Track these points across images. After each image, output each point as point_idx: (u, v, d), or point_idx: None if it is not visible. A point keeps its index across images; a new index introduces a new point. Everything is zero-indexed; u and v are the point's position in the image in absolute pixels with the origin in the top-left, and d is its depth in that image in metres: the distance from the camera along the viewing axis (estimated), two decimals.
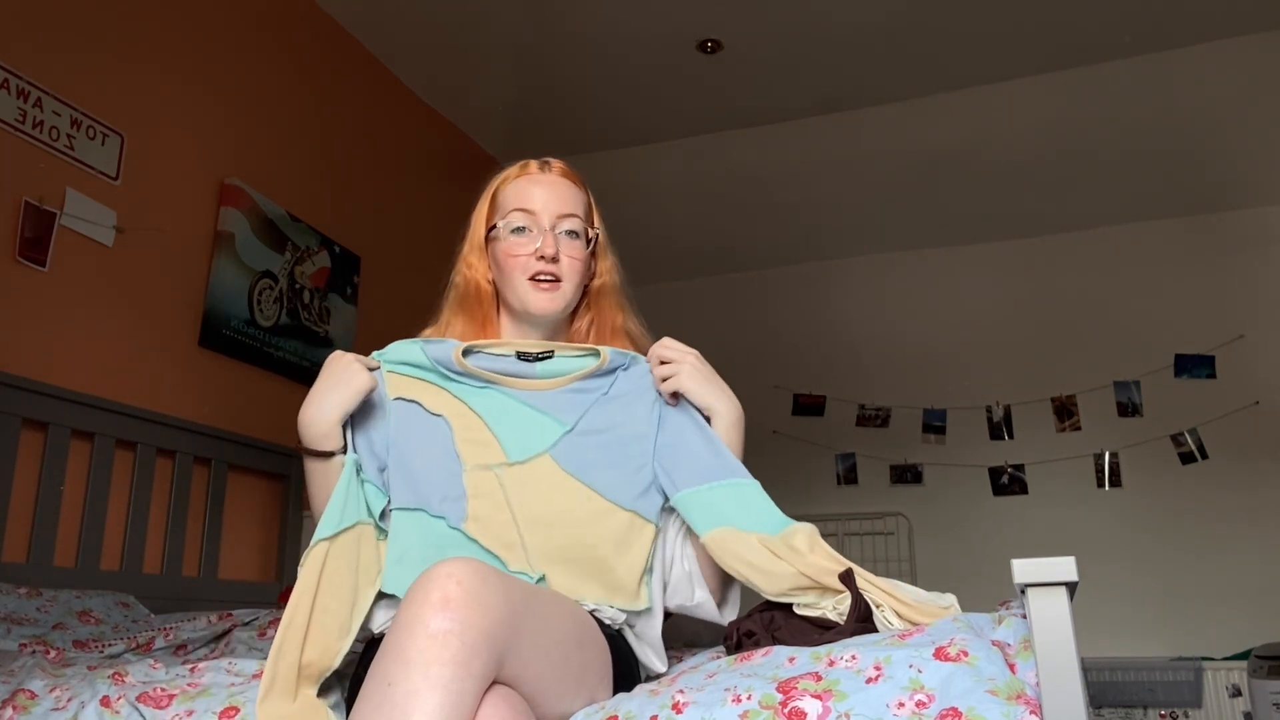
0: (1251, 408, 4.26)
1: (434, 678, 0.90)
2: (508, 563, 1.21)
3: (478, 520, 1.24)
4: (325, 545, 1.17)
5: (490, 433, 1.29)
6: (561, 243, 1.37)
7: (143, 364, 2.66)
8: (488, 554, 1.21)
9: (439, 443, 1.29)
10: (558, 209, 1.38)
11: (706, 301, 5.22)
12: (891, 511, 4.71)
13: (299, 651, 1.10)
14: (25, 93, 2.39)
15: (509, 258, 1.37)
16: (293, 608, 1.12)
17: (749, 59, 3.85)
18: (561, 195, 1.39)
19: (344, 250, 3.52)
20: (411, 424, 1.31)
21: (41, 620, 1.93)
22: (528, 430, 1.30)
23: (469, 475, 1.26)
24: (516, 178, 1.42)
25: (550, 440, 1.29)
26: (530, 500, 1.25)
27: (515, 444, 1.29)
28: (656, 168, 4.56)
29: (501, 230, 1.38)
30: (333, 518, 1.20)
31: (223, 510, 2.83)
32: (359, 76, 3.76)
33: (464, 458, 1.27)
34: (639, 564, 1.25)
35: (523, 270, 1.35)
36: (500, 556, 1.21)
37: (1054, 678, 0.87)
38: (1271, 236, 4.42)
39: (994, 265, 4.84)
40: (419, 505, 1.25)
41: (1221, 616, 4.04)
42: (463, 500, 1.25)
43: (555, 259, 1.35)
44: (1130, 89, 3.91)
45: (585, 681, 1.10)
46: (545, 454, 1.28)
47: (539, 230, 1.36)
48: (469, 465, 1.27)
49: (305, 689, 1.11)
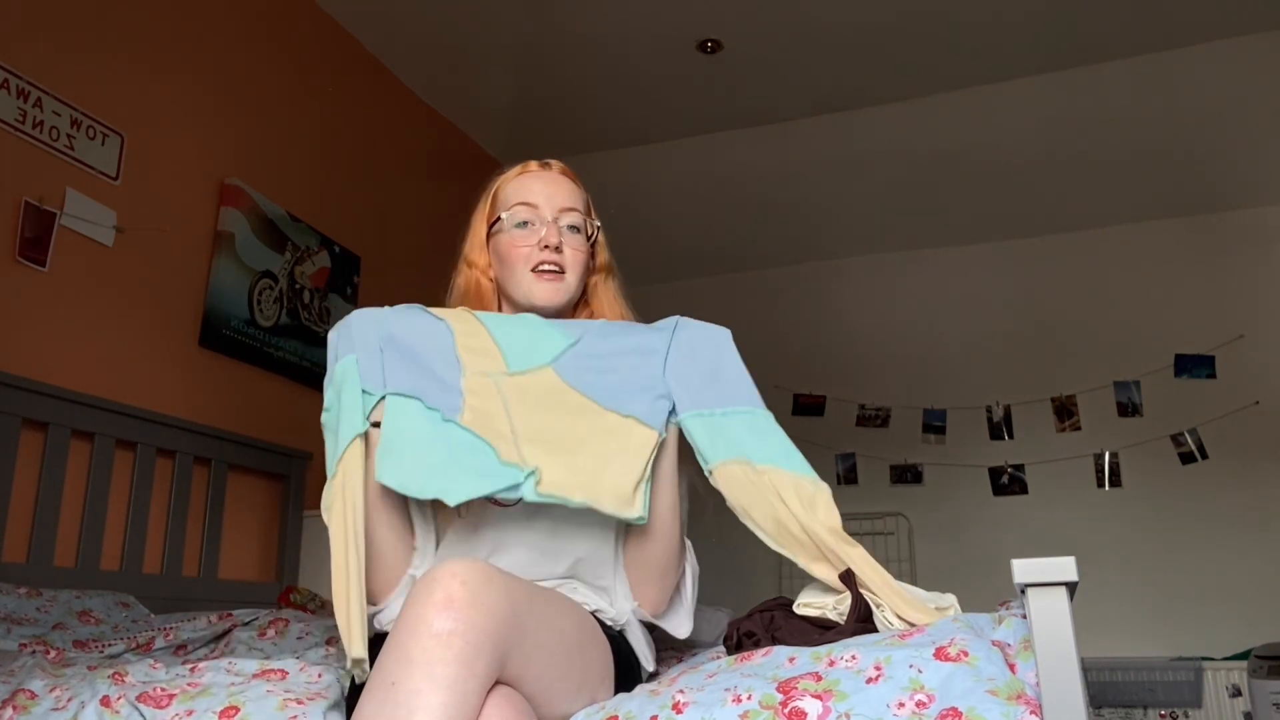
0: (1251, 408, 4.25)
1: (438, 677, 0.90)
2: (499, 452, 1.18)
3: (473, 416, 1.21)
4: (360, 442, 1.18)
5: (492, 340, 1.27)
6: (564, 235, 1.38)
7: (143, 364, 2.66)
8: (481, 440, 1.18)
9: (439, 344, 1.27)
10: (560, 203, 1.39)
11: (706, 301, 5.20)
12: (891, 511, 4.71)
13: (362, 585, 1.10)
14: (25, 93, 2.39)
15: (513, 249, 1.37)
16: (346, 541, 1.12)
17: (749, 59, 3.85)
18: (563, 190, 1.41)
19: (344, 250, 3.52)
20: (413, 322, 1.29)
21: (41, 620, 1.93)
22: (532, 341, 1.28)
23: (468, 379, 1.24)
24: (518, 175, 1.43)
25: (554, 352, 1.27)
26: (529, 409, 1.22)
27: (517, 354, 1.27)
28: (656, 168, 4.56)
29: (505, 223, 1.38)
30: (353, 418, 1.20)
31: (223, 510, 2.83)
32: (359, 76, 3.76)
33: (464, 362, 1.25)
34: (635, 468, 1.18)
35: (526, 262, 1.36)
36: (492, 444, 1.18)
37: (1054, 678, 0.87)
38: (1271, 236, 4.41)
39: (994, 265, 4.84)
40: (416, 393, 1.22)
41: (1221, 616, 4.04)
42: (459, 397, 1.22)
43: (559, 249, 1.36)
44: (1130, 89, 3.91)
45: (587, 682, 1.10)
46: (548, 366, 1.26)
47: (542, 223, 1.37)
48: (469, 371, 1.25)
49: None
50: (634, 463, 1.18)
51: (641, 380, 1.26)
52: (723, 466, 1.22)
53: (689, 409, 1.24)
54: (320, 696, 1.22)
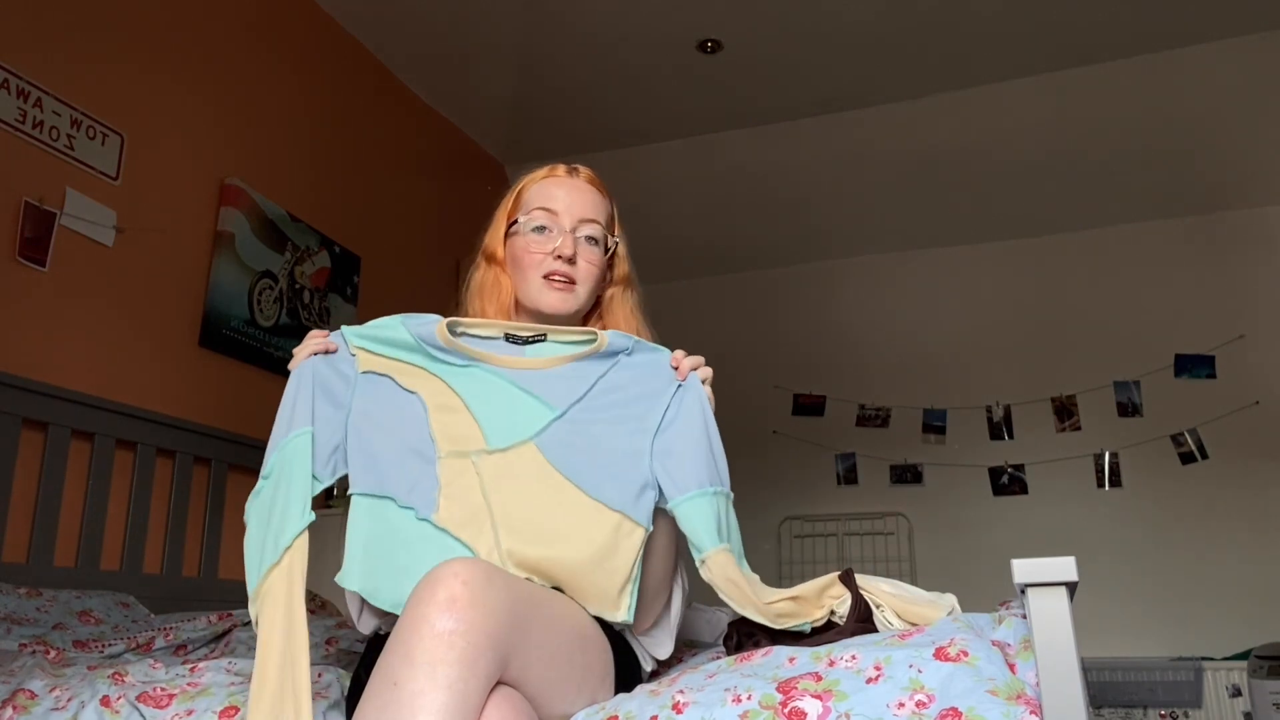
0: (1251, 408, 4.25)
1: (439, 678, 0.90)
2: (478, 552, 1.13)
3: (450, 511, 1.14)
4: (283, 572, 1.08)
5: (469, 414, 1.19)
6: (580, 247, 1.35)
7: (143, 364, 2.66)
8: (456, 541, 1.13)
9: (410, 423, 1.19)
10: (580, 213, 1.37)
11: (707, 301, 5.22)
12: (891, 511, 4.71)
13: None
14: (25, 93, 2.39)
15: (526, 254, 1.35)
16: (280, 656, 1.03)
17: (749, 59, 3.85)
18: (585, 200, 1.38)
19: (344, 250, 3.52)
20: (379, 399, 1.20)
21: (41, 620, 1.93)
22: (512, 413, 1.19)
23: (443, 463, 1.17)
24: (543, 179, 1.41)
25: (536, 426, 1.19)
26: (509, 495, 1.15)
27: (496, 428, 1.18)
28: (657, 167, 4.56)
29: (522, 226, 1.37)
30: (291, 521, 1.10)
31: (223, 510, 2.83)
32: (359, 77, 3.76)
33: (439, 442, 1.18)
34: (622, 571, 1.14)
35: (537, 268, 1.34)
36: (469, 544, 1.13)
37: (1054, 678, 0.87)
38: (1271, 236, 4.41)
39: (994, 265, 4.83)
40: (384, 493, 1.15)
41: (1221, 616, 4.04)
42: (434, 490, 1.15)
43: (572, 260, 1.34)
44: (1130, 89, 3.91)
45: (588, 682, 1.10)
46: (529, 441, 1.18)
47: (559, 231, 1.35)
48: (444, 451, 1.17)
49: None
50: (621, 565, 1.14)
51: (629, 464, 1.18)
52: (712, 557, 1.15)
53: (675, 495, 1.17)
54: (320, 696, 1.22)
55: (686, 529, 1.16)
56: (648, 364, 1.26)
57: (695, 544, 1.15)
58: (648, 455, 1.19)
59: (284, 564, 1.08)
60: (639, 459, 1.19)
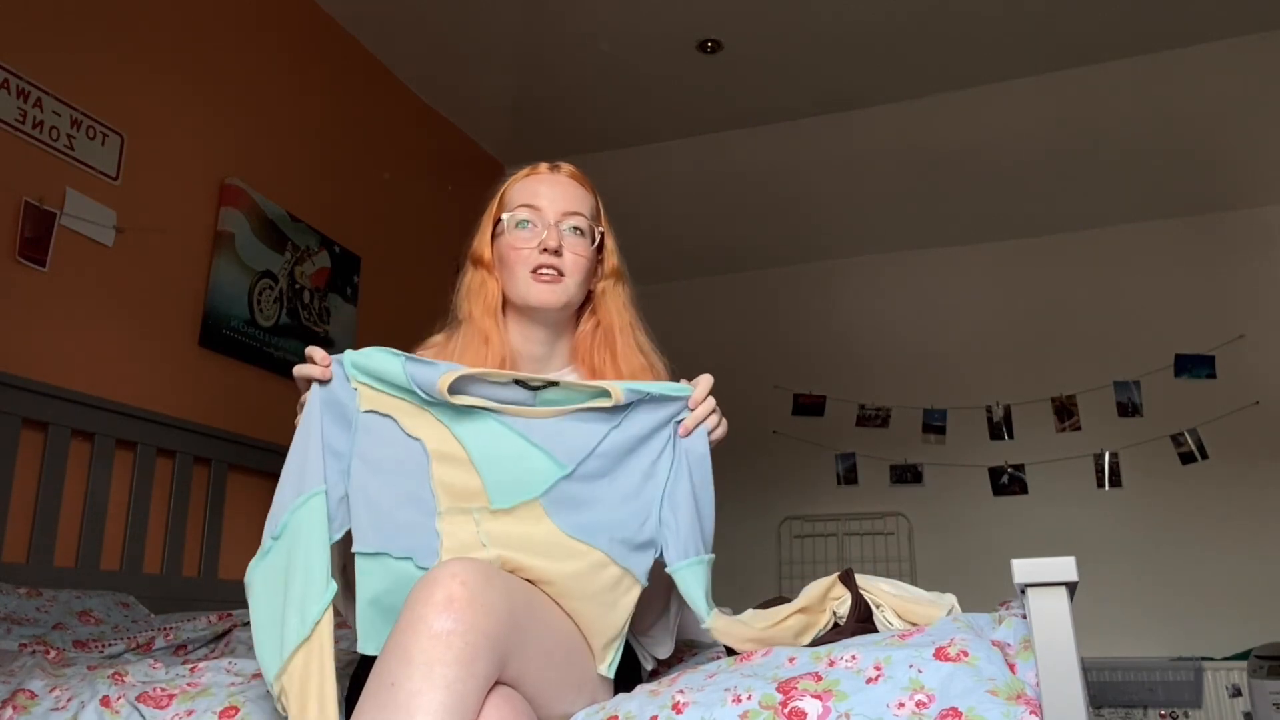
0: (1251, 408, 4.25)
1: (437, 678, 0.90)
2: None
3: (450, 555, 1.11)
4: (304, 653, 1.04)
5: (473, 468, 1.13)
6: (565, 239, 1.34)
7: (143, 364, 2.66)
8: None
9: (412, 473, 1.14)
10: (564, 206, 1.36)
11: (706, 301, 5.22)
12: (891, 511, 4.71)
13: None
14: (25, 93, 2.39)
15: (511, 250, 1.35)
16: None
17: (749, 59, 3.85)
18: (568, 194, 1.38)
19: (344, 250, 3.52)
20: (381, 444, 1.15)
21: (41, 620, 1.93)
22: (518, 470, 1.14)
23: (444, 518, 1.12)
24: (525, 177, 1.40)
25: (543, 485, 1.13)
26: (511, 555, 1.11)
27: (501, 486, 1.13)
28: (656, 168, 4.56)
29: (506, 224, 1.37)
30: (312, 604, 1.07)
31: (223, 510, 2.83)
32: (359, 76, 3.76)
33: (439, 497, 1.13)
34: (614, 628, 1.12)
35: (524, 264, 1.33)
36: None
37: (1054, 678, 0.87)
38: (1271, 236, 4.41)
39: (994, 265, 4.83)
40: (382, 549, 1.11)
41: (1221, 616, 4.04)
42: (435, 541, 1.11)
43: (558, 252, 1.33)
44: (1130, 89, 3.91)
45: (586, 682, 1.10)
46: (535, 500, 1.13)
47: (543, 225, 1.34)
48: (444, 507, 1.12)
49: None
50: (615, 622, 1.12)
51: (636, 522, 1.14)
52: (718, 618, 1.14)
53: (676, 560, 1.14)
54: None
55: (685, 596, 1.15)
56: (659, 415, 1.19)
57: (696, 611, 1.14)
58: (656, 512, 1.16)
59: (314, 641, 1.04)
60: (646, 516, 1.15)
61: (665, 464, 1.17)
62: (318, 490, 1.12)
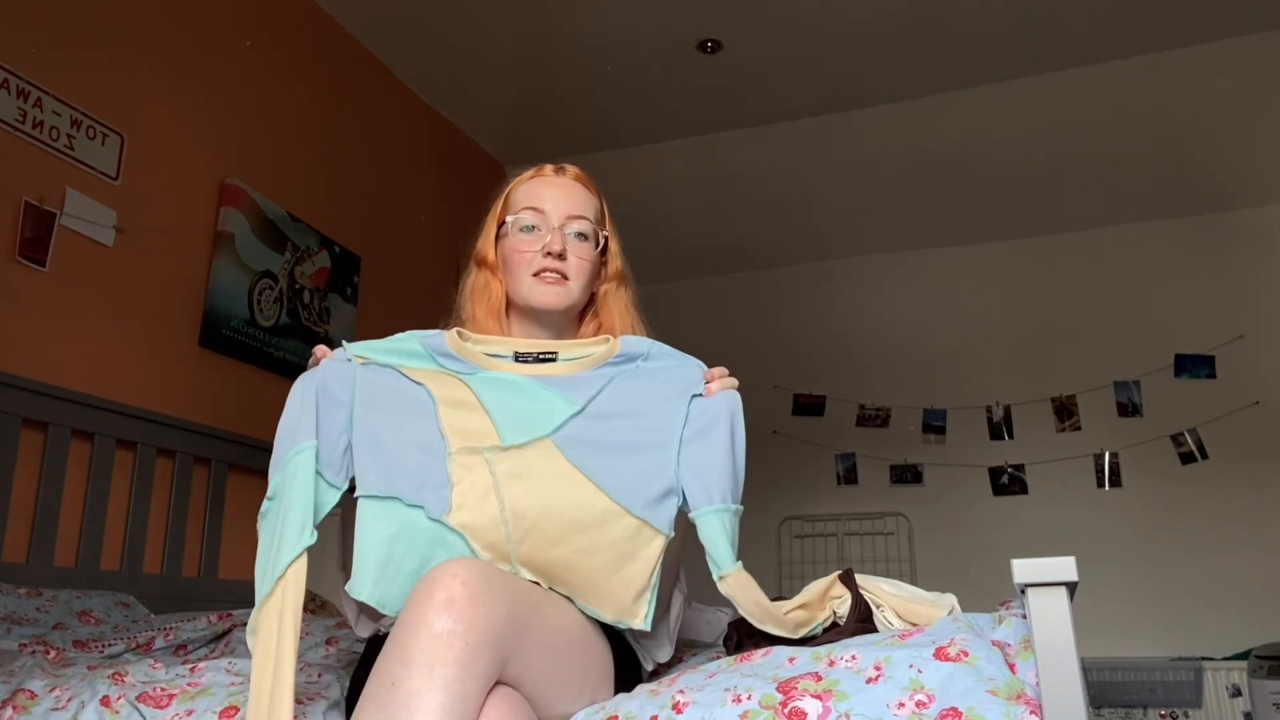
0: (1251, 408, 4.25)
1: (437, 678, 0.90)
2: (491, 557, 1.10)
3: (462, 511, 1.09)
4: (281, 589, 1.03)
5: (483, 409, 1.14)
6: (570, 243, 1.34)
7: (143, 364, 2.66)
8: (471, 551, 1.10)
9: (418, 416, 1.13)
10: (568, 209, 1.36)
11: (706, 301, 5.22)
12: (891, 511, 4.71)
13: None
14: (25, 93, 2.39)
15: (515, 253, 1.35)
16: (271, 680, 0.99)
17: (749, 59, 3.85)
18: (573, 197, 1.38)
19: (344, 250, 3.52)
20: (384, 391, 1.14)
21: (41, 620, 1.93)
22: (529, 408, 1.14)
23: (454, 459, 1.11)
24: (530, 179, 1.40)
25: (555, 422, 1.14)
26: (523, 494, 1.10)
27: (512, 423, 1.13)
28: (656, 168, 4.56)
29: (510, 227, 1.37)
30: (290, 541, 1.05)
31: (223, 510, 2.83)
32: (359, 76, 3.76)
33: (449, 438, 1.12)
34: (640, 578, 1.11)
35: (528, 266, 1.33)
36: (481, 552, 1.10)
37: (1054, 678, 0.87)
38: (1271, 236, 4.41)
39: (994, 265, 4.83)
40: (391, 493, 1.09)
41: (1221, 616, 4.04)
42: (445, 488, 1.09)
43: (562, 256, 1.33)
44: (1130, 89, 3.91)
45: (587, 682, 1.10)
46: (547, 438, 1.12)
47: (547, 228, 1.34)
48: (454, 447, 1.11)
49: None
50: (640, 572, 1.11)
51: (653, 466, 1.13)
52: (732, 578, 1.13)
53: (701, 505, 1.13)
54: (320, 696, 1.22)
55: (706, 542, 1.13)
56: (670, 369, 1.21)
57: (715, 559, 1.12)
58: (673, 460, 1.14)
59: (276, 596, 1.03)
60: (663, 462, 1.14)
61: (678, 416, 1.17)
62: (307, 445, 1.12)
